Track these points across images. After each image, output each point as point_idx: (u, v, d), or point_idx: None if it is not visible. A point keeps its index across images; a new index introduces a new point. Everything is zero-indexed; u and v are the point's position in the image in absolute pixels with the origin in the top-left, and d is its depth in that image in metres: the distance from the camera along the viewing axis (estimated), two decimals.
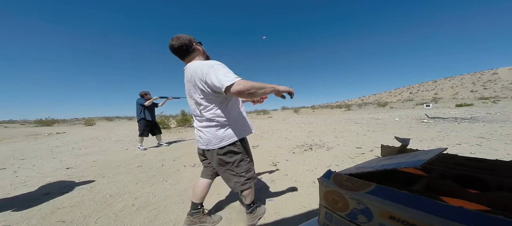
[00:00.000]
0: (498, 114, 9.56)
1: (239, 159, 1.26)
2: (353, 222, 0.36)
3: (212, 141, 1.21)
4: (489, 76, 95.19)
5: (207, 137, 1.21)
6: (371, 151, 3.56)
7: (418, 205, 0.29)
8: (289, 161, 3.16)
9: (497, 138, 4.14)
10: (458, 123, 7.17)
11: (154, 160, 3.72)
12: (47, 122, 18.58)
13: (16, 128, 14.17)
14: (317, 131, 6.81)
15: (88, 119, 22.34)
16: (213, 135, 1.20)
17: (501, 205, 0.33)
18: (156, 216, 1.70)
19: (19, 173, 3.13)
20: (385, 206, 0.31)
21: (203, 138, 1.24)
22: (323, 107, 30.50)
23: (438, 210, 0.27)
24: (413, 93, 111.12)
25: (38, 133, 10.08)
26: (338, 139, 4.97)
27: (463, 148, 3.53)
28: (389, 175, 0.52)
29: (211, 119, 1.19)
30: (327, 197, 0.41)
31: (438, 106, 22.01)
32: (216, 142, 1.20)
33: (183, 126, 10.33)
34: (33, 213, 1.81)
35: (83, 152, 4.84)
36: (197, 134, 1.29)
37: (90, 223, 1.64)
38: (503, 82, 77.62)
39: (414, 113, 14.25)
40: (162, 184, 2.46)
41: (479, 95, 56.95)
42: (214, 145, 1.21)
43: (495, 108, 14.73)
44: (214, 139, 1.20)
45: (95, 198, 2.10)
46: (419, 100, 37.05)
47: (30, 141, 7.39)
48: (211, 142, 1.21)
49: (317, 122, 10.18)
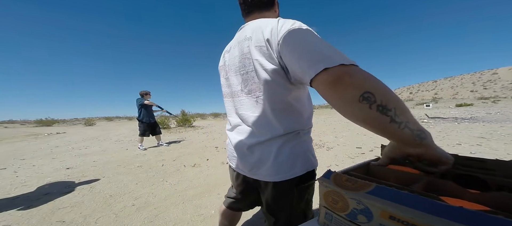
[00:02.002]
0: (498, 114, 9.56)
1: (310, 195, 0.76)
2: (353, 222, 0.36)
3: (284, 166, 0.66)
4: (489, 76, 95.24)
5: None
6: (371, 151, 3.56)
7: (418, 205, 0.29)
8: None
9: (497, 138, 4.15)
10: (458, 123, 7.17)
11: (154, 160, 3.72)
12: (47, 122, 18.60)
13: (16, 128, 14.18)
14: (317, 131, 6.81)
15: (88, 119, 22.36)
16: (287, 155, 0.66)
17: (501, 205, 0.33)
18: (156, 216, 1.70)
19: (19, 173, 3.13)
20: (385, 206, 0.31)
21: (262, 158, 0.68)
22: (323, 107, 30.51)
23: (438, 210, 0.27)
24: (413, 93, 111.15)
25: (38, 133, 10.09)
26: (338, 139, 4.97)
27: (463, 148, 3.54)
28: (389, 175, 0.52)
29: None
30: (327, 197, 0.40)
31: (438, 106, 22.03)
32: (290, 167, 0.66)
33: (183, 126, 10.34)
34: (33, 213, 1.81)
35: (83, 152, 4.84)
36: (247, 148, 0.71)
37: (90, 223, 1.64)
38: (503, 82, 77.65)
39: (414, 113, 14.26)
40: (162, 184, 2.46)
41: (479, 95, 56.97)
42: (286, 172, 0.66)
43: (495, 108, 14.74)
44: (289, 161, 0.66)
45: (95, 198, 2.10)
46: (419, 100, 37.05)
47: (30, 141, 7.39)
48: (281, 168, 0.66)
49: (317, 122, 10.19)
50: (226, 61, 0.77)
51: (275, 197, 0.71)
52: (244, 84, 0.68)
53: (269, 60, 0.59)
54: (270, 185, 0.70)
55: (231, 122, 0.81)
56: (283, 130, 0.64)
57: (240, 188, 0.87)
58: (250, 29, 0.66)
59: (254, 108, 0.67)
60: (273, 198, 0.72)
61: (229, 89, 0.76)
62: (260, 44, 0.60)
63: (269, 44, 0.59)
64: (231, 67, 0.72)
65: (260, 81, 0.62)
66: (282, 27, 0.57)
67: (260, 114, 0.66)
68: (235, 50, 0.70)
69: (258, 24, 0.64)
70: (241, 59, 0.67)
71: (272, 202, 0.73)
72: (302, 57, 0.50)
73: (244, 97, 0.69)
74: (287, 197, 0.70)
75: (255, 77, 0.64)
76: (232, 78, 0.73)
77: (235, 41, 0.73)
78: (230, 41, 0.79)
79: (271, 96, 0.62)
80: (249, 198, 0.88)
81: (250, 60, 0.64)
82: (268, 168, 0.67)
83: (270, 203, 0.74)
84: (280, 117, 0.65)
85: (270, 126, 0.66)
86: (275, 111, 0.64)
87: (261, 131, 0.67)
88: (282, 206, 0.72)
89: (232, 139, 0.78)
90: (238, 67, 0.69)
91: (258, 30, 0.62)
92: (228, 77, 0.76)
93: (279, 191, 0.70)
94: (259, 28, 0.62)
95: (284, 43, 0.54)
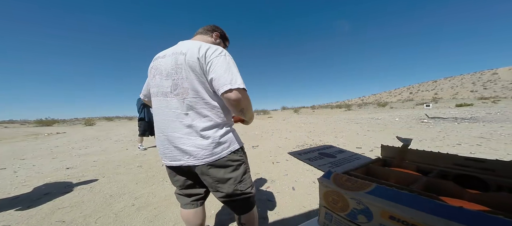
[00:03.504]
0: (498, 114, 9.56)
1: (243, 171, 0.94)
2: (353, 222, 0.36)
3: (205, 150, 0.83)
4: (489, 76, 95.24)
5: (199, 145, 0.83)
6: (371, 151, 3.56)
7: (418, 205, 0.29)
8: (289, 161, 3.16)
9: (497, 138, 4.15)
10: (458, 123, 7.17)
11: (154, 160, 3.72)
12: (47, 122, 18.59)
13: (16, 128, 14.17)
14: (317, 131, 6.81)
15: (88, 119, 22.35)
16: (211, 141, 0.83)
17: (501, 205, 0.33)
18: (156, 216, 1.70)
19: (19, 173, 3.13)
20: (385, 206, 0.31)
21: (189, 149, 0.84)
22: (323, 107, 30.52)
23: (438, 210, 0.27)
24: (413, 93, 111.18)
25: (38, 133, 10.08)
26: (338, 139, 4.97)
27: (463, 148, 3.54)
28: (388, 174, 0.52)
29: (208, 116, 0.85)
30: (327, 197, 0.40)
31: (438, 106, 22.03)
32: (210, 151, 0.84)
33: None
34: (33, 213, 1.81)
35: (83, 152, 4.84)
36: (175, 144, 0.86)
37: (90, 223, 1.64)
38: (503, 82, 77.66)
39: (414, 113, 14.26)
40: (162, 184, 2.46)
41: (479, 95, 56.97)
42: (208, 156, 0.84)
43: (495, 108, 14.74)
44: (211, 146, 0.83)
45: (95, 198, 2.10)
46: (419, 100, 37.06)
47: (30, 141, 7.39)
48: (202, 152, 0.83)
49: (317, 122, 10.19)
50: (158, 65, 0.90)
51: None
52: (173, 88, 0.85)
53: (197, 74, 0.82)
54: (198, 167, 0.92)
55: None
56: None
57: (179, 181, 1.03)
58: (186, 46, 0.85)
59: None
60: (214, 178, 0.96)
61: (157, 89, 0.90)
62: (193, 60, 0.81)
63: (199, 61, 0.81)
64: (163, 71, 0.87)
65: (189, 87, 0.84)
66: (209, 51, 0.82)
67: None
68: (169, 59, 0.86)
69: (194, 44, 0.85)
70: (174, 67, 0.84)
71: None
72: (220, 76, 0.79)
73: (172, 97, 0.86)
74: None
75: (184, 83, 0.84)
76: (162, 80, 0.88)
77: (171, 51, 0.89)
78: (165, 49, 0.94)
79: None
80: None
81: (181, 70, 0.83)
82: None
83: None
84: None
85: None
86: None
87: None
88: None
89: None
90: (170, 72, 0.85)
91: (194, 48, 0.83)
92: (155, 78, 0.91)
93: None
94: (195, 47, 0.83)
95: (209, 64, 0.81)
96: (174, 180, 1.02)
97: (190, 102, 0.81)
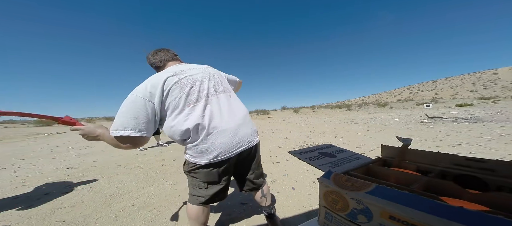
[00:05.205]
0: (498, 114, 9.56)
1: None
2: (353, 222, 0.36)
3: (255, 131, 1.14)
4: (489, 76, 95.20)
5: (254, 127, 1.14)
6: (371, 151, 3.56)
7: (418, 205, 0.29)
8: (289, 161, 3.16)
9: (497, 138, 4.15)
10: (458, 123, 7.17)
11: (154, 160, 3.72)
12: (47, 122, 18.59)
13: (16, 128, 14.17)
14: (317, 131, 6.81)
15: (88, 119, 22.35)
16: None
17: (501, 205, 0.33)
18: (156, 216, 1.70)
19: (19, 173, 3.13)
20: (385, 206, 0.31)
21: (253, 131, 1.11)
22: (323, 107, 30.50)
23: (438, 210, 0.27)
24: (413, 93, 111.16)
25: (38, 133, 10.09)
26: (338, 139, 4.97)
27: (463, 148, 3.54)
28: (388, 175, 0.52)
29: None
30: (327, 197, 0.41)
31: (438, 106, 22.02)
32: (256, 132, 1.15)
33: None
34: (33, 213, 1.82)
35: (83, 152, 4.84)
36: (247, 128, 1.06)
37: (90, 223, 1.64)
38: (503, 82, 77.63)
39: (414, 113, 14.25)
40: (162, 184, 2.46)
41: (479, 95, 56.95)
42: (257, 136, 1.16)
43: (495, 108, 14.73)
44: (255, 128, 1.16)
45: (95, 198, 2.10)
46: (419, 100, 37.06)
47: (30, 141, 7.39)
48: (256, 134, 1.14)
49: (317, 122, 10.19)
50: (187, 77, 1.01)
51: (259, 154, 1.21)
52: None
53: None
54: (258, 144, 1.16)
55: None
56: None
57: (227, 175, 1.07)
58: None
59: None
60: (258, 155, 1.20)
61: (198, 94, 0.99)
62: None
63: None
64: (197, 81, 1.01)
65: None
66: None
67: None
68: (197, 70, 1.04)
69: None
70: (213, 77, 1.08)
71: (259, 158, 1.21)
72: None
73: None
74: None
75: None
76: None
77: (188, 66, 1.05)
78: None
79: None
80: (229, 178, 1.12)
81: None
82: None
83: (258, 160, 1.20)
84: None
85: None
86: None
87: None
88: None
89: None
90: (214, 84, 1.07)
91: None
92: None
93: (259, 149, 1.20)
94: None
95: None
96: (224, 172, 1.03)
97: (233, 96, 1.10)
